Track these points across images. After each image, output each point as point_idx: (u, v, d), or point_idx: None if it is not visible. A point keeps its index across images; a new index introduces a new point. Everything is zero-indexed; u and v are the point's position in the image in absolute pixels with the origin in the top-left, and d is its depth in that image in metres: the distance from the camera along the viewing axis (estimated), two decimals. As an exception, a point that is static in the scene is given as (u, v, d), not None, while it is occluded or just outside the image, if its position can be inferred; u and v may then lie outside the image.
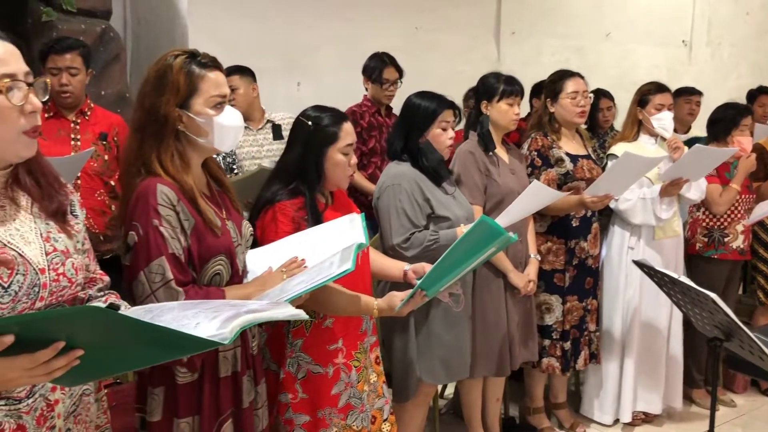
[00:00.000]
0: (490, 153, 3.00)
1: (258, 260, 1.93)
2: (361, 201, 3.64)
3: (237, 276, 1.84)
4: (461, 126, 3.25)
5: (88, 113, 3.08)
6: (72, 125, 3.02)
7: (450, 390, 3.75)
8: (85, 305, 1.15)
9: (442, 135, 2.69)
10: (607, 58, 5.97)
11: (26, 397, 1.33)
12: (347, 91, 4.11)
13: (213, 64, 1.80)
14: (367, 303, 2.09)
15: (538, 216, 3.19)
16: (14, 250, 1.32)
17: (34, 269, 1.34)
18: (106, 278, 1.57)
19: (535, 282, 3.07)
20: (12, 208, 1.37)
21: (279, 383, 2.11)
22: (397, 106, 3.94)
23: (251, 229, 1.96)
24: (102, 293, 1.54)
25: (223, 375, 1.81)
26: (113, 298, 1.55)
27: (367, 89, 4.03)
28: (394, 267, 2.36)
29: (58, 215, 1.44)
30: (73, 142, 2.99)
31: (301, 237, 2.00)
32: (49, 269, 1.36)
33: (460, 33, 5.36)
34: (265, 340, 2.15)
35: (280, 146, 3.59)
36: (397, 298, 2.05)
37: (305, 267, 1.85)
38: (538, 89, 4.21)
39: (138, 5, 4.84)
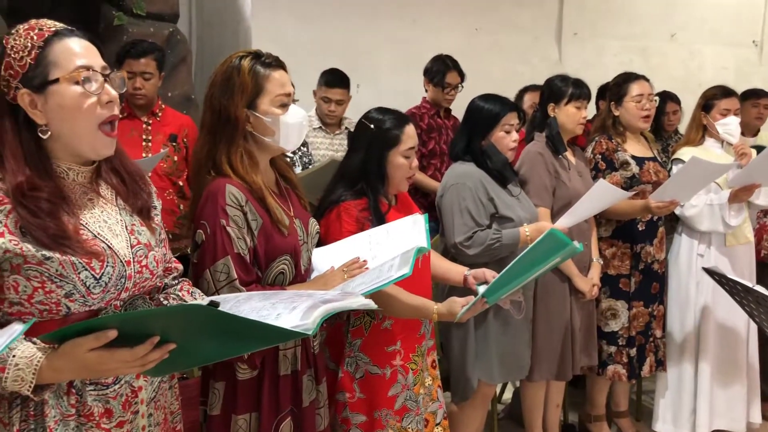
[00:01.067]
0: (560, 156, 2.97)
1: (322, 259, 1.95)
2: (421, 202, 3.65)
3: (300, 275, 1.87)
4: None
5: (160, 114, 3.19)
6: (144, 126, 3.13)
7: (508, 395, 3.72)
8: (189, 303, 1.20)
9: (505, 138, 2.68)
10: (671, 59, 5.81)
11: (113, 383, 1.40)
12: (406, 92, 4.13)
13: (277, 63, 1.83)
14: (427, 307, 2.09)
15: (603, 220, 3.14)
16: (104, 242, 1.38)
17: (121, 261, 1.39)
18: (180, 267, 1.63)
19: (599, 286, 3.03)
20: (99, 201, 1.43)
21: (337, 382, 2.14)
22: (456, 107, 3.95)
23: (318, 226, 1.98)
24: (176, 281, 1.61)
25: (282, 373, 1.84)
26: (187, 285, 1.63)
27: (427, 91, 4.03)
28: (454, 271, 2.35)
29: (143, 212, 1.50)
30: (144, 143, 3.10)
31: (365, 237, 2.01)
32: (134, 261, 1.42)
33: (521, 34, 5.32)
34: (325, 339, 2.17)
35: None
36: (458, 304, 2.04)
37: (366, 268, 1.87)
38: (604, 91, 4.13)
39: (203, 9, 4.97)
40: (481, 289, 2.10)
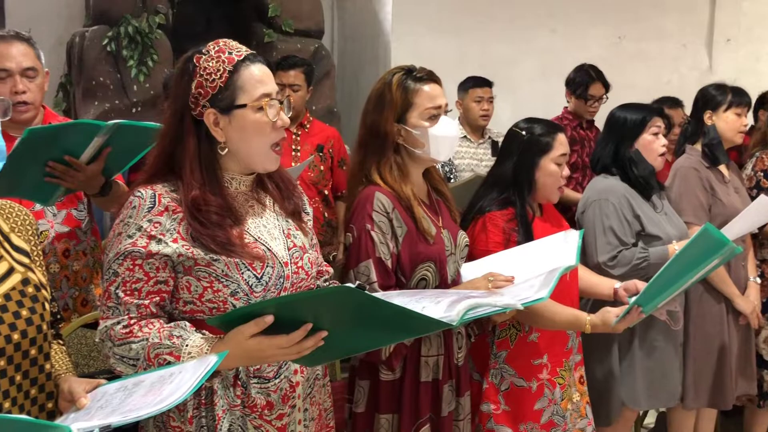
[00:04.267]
0: (716, 168, 2.81)
1: (471, 273, 1.96)
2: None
3: (445, 284, 1.90)
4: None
5: (308, 126, 3.34)
6: (294, 137, 3.29)
7: (650, 419, 3.54)
8: (341, 285, 1.27)
9: (653, 142, 2.55)
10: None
11: (274, 377, 1.48)
12: (546, 103, 4.05)
13: (428, 77, 1.88)
14: (579, 318, 2.05)
15: (758, 242, 2.94)
16: (264, 245, 1.48)
17: (280, 263, 1.49)
18: (331, 270, 1.71)
19: (759, 309, 2.83)
20: (259, 208, 1.54)
21: (481, 393, 2.13)
22: (598, 118, 3.84)
23: (467, 239, 2.00)
24: (327, 283, 1.68)
25: (423, 379, 1.88)
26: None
27: (568, 102, 3.95)
28: (603, 285, 2.29)
29: (296, 215, 1.60)
30: (293, 152, 3.26)
31: (517, 252, 2.01)
32: (291, 263, 1.51)
33: (668, 41, 5.08)
34: (469, 350, 2.18)
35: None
36: (612, 314, 1.98)
37: (512, 283, 1.85)
38: (763, 101, 3.84)
39: (345, 24, 5.15)
40: (633, 301, 2.03)
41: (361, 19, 4.92)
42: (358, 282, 1.46)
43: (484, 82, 3.83)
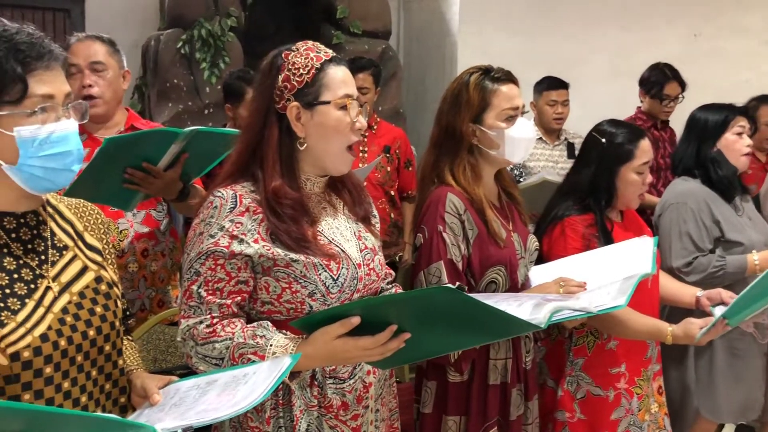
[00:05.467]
0: None
1: (541, 277, 1.93)
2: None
3: (515, 288, 1.87)
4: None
5: (375, 127, 3.34)
6: (361, 137, 3.29)
7: (728, 429, 3.41)
8: (441, 286, 1.27)
9: (737, 141, 2.45)
10: None
11: (348, 377, 1.49)
12: (617, 103, 3.95)
13: (506, 77, 1.85)
14: (660, 329, 1.98)
15: None
16: (337, 246, 1.49)
17: (354, 264, 1.49)
18: (393, 272, 1.71)
19: None
20: (331, 210, 1.55)
21: (556, 400, 2.09)
22: (673, 118, 3.72)
23: (537, 243, 1.97)
24: (390, 285, 1.68)
25: (491, 382, 1.85)
26: (399, 289, 1.70)
27: (642, 102, 3.84)
28: (685, 292, 2.21)
29: (365, 219, 1.61)
30: (361, 154, 3.26)
31: (588, 257, 1.96)
32: (363, 264, 1.52)
33: (747, 38, 4.89)
34: (544, 355, 2.14)
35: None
36: (695, 325, 1.91)
37: (584, 289, 1.80)
38: None
39: (411, 25, 5.14)
40: (717, 310, 1.95)
41: (428, 19, 4.90)
42: (458, 283, 1.45)
43: (559, 84, 3.69)
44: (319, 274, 1.43)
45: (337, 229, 1.52)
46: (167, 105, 4.09)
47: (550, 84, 3.71)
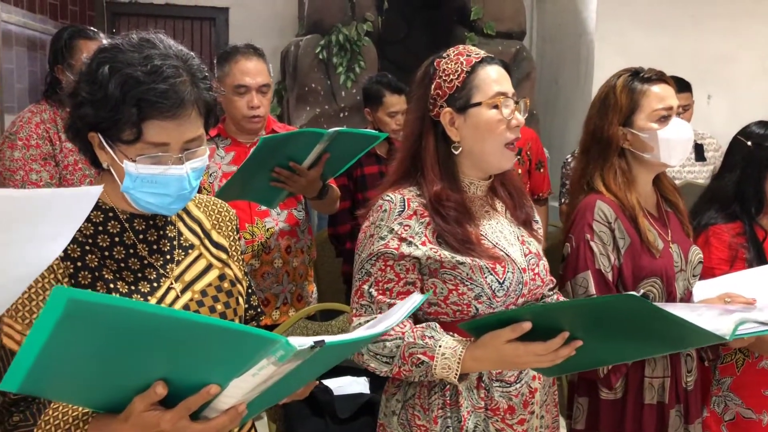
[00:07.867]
0: None
1: (703, 292, 1.83)
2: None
3: (672, 302, 1.78)
4: None
5: (512, 129, 3.30)
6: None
7: None
8: (625, 293, 1.23)
9: None
10: None
11: (515, 381, 1.49)
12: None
13: (658, 77, 1.79)
14: None
15: None
16: (501, 250, 1.49)
17: (519, 268, 1.49)
18: (554, 279, 1.67)
19: None
20: (493, 213, 1.55)
21: (701, 422, 1.99)
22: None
23: (701, 255, 1.87)
24: (552, 292, 1.66)
25: (647, 401, 1.77)
26: (562, 297, 1.67)
27: (798, 102, 3.57)
28: None
29: (527, 224, 1.59)
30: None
31: (756, 273, 1.84)
32: (528, 269, 1.51)
33: None
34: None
35: (701, 168, 3.41)
36: None
37: (753, 306, 1.69)
38: None
39: (545, 24, 5.05)
40: None
41: (562, 19, 4.79)
42: (642, 291, 1.40)
43: (681, 87, 3.32)
44: (485, 277, 1.43)
45: (501, 232, 1.52)
46: (305, 109, 4.25)
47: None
